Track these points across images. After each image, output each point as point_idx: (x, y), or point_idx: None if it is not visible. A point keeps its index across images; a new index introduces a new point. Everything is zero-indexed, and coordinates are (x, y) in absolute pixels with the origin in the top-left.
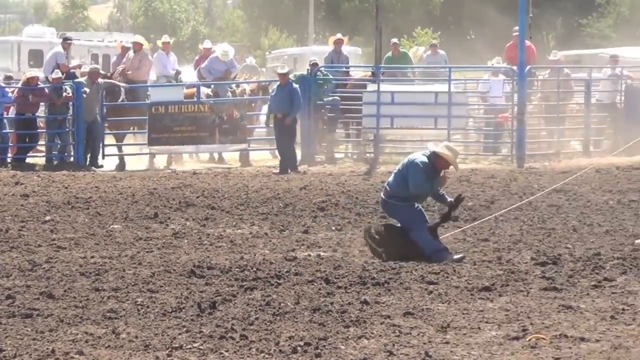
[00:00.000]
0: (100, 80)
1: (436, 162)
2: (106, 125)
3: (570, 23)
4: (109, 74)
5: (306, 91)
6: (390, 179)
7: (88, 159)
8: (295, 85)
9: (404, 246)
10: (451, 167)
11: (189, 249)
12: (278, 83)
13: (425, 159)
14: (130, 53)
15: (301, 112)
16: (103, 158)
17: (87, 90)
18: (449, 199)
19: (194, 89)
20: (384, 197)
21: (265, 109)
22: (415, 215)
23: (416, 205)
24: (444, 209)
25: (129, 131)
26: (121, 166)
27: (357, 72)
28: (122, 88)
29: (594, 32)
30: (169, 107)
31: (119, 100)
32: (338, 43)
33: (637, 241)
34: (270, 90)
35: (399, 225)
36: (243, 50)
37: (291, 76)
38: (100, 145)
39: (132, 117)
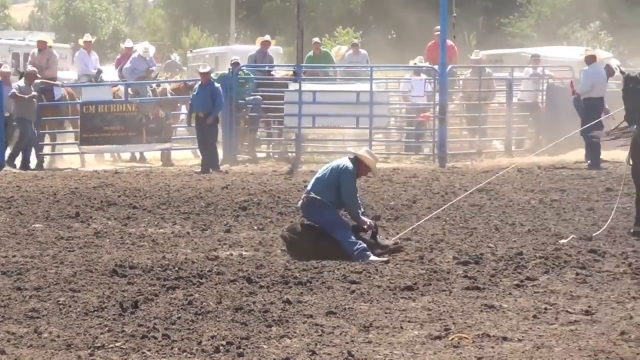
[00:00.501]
0: (36, 81)
1: (358, 168)
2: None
3: (492, 22)
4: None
5: (227, 90)
6: (312, 182)
7: (19, 161)
8: (217, 85)
9: (323, 245)
10: (370, 172)
11: (111, 248)
12: (200, 82)
13: (352, 165)
14: (35, 51)
15: (223, 112)
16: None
17: (34, 93)
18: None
19: (117, 88)
20: (305, 199)
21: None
22: (337, 217)
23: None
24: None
25: (48, 131)
26: (40, 165)
27: (279, 72)
28: (59, 87)
29: (516, 32)
30: (99, 106)
31: (57, 98)
32: (265, 44)
33: (561, 241)
34: (192, 90)
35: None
36: (164, 49)
37: (213, 75)
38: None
39: (49, 117)
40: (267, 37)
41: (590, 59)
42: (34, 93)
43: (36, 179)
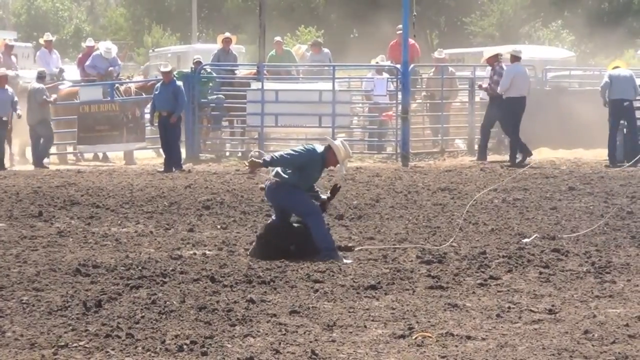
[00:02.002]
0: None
1: (327, 156)
2: None
3: (454, 21)
4: None
5: (190, 89)
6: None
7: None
8: (179, 83)
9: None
10: (338, 165)
11: (74, 248)
12: (162, 81)
13: (318, 151)
14: None
15: (185, 111)
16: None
17: (55, 95)
18: (322, 196)
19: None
20: (273, 182)
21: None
22: (310, 202)
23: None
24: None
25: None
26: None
27: (241, 71)
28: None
29: (477, 31)
30: (92, 106)
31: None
32: (226, 42)
33: (524, 240)
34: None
35: (278, 221)
36: (126, 48)
37: (175, 73)
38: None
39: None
40: (227, 34)
41: (513, 59)
42: (55, 96)
43: None
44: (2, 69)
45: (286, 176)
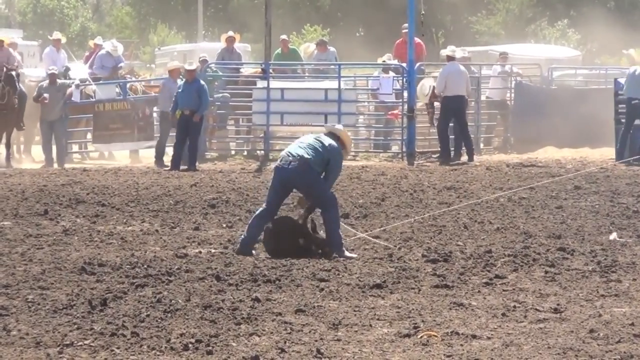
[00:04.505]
0: (58, 80)
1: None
2: None
3: (460, 20)
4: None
5: None
6: (309, 150)
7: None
8: (203, 82)
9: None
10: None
11: (80, 246)
12: (185, 79)
13: (337, 145)
14: None
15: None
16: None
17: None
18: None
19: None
20: (303, 164)
21: None
22: (334, 195)
23: None
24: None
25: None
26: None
27: (247, 69)
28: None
29: (484, 30)
30: (106, 104)
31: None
32: (230, 41)
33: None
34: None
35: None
36: (132, 46)
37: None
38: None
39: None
40: (231, 33)
41: (448, 58)
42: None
43: (4, 177)
44: (175, 62)
45: (320, 167)
